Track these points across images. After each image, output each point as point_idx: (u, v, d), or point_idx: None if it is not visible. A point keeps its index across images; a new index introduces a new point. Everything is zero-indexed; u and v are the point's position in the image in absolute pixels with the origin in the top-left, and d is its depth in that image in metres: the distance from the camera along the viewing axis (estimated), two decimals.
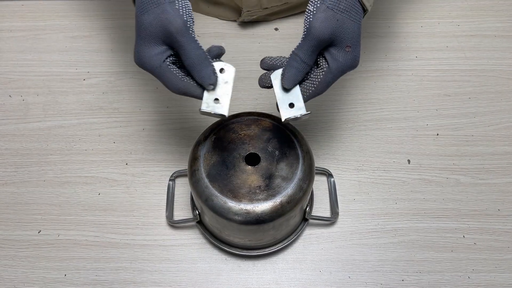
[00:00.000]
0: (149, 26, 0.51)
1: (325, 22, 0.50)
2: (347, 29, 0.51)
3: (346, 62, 0.52)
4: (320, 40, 0.51)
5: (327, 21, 0.50)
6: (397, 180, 0.71)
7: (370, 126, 0.76)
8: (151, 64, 0.52)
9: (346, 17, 0.51)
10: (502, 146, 0.74)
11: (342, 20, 0.51)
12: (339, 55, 0.52)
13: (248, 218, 0.56)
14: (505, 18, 0.87)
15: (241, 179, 0.58)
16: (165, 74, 0.52)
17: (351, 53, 0.52)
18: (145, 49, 0.52)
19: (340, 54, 0.52)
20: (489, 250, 0.66)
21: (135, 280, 0.64)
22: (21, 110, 0.78)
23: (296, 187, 0.57)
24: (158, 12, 0.50)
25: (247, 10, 0.81)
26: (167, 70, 0.52)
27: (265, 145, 0.60)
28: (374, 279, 0.64)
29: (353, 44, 0.52)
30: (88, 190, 0.71)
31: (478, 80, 0.80)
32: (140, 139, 0.75)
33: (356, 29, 0.52)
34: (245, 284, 0.64)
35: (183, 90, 0.53)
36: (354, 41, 0.52)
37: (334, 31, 0.51)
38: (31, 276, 0.65)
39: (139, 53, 0.52)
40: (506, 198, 0.70)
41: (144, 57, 0.52)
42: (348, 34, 0.51)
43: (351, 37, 0.51)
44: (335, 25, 0.50)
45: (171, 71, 0.52)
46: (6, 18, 0.89)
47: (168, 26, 0.50)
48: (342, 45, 0.52)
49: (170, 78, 0.52)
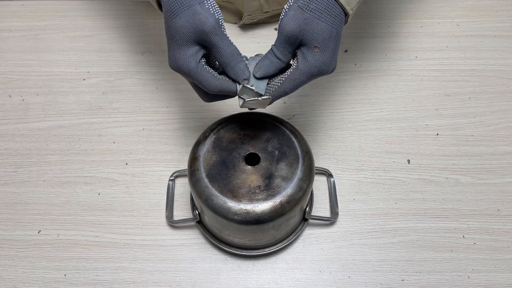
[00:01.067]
0: (182, 28, 0.51)
1: (293, 19, 0.51)
2: (315, 29, 0.51)
3: (315, 63, 0.52)
4: (288, 36, 0.51)
5: (294, 18, 0.51)
6: (397, 180, 0.71)
7: (370, 126, 0.76)
8: (188, 66, 0.52)
9: (315, 17, 0.51)
10: (502, 146, 0.74)
11: (310, 19, 0.51)
12: (308, 55, 0.52)
13: (247, 218, 0.56)
14: (505, 18, 0.87)
15: (241, 179, 0.58)
16: (202, 73, 0.52)
17: (320, 55, 0.51)
18: (179, 51, 0.52)
19: (309, 54, 0.52)
20: (489, 250, 0.66)
21: (135, 280, 0.64)
22: (21, 110, 0.78)
23: (296, 187, 0.57)
24: (190, 14, 0.51)
25: (248, 14, 0.81)
26: (203, 70, 0.53)
27: (265, 145, 0.60)
28: (374, 279, 0.64)
29: (322, 46, 0.51)
30: (88, 190, 0.71)
31: (478, 80, 0.80)
32: (140, 139, 0.75)
33: (327, 30, 0.51)
34: (245, 284, 0.64)
35: (219, 87, 0.53)
36: (323, 43, 0.51)
37: (301, 28, 0.51)
38: (31, 276, 0.65)
39: (174, 56, 0.52)
40: (506, 198, 0.70)
41: (179, 59, 0.52)
42: (316, 34, 0.51)
43: (320, 38, 0.51)
44: (301, 23, 0.51)
45: (208, 70, 0.53)
46: (6, 18, 0.89)
47: (202, 27, 0.51)
48: (310, 45, 0.51)
49: (207, 77, 0.52)
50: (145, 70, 0.82)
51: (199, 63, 0.52)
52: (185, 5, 0.51)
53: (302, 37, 0.51)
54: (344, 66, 0.82)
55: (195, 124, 0.76)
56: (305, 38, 0.51)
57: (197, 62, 0.52)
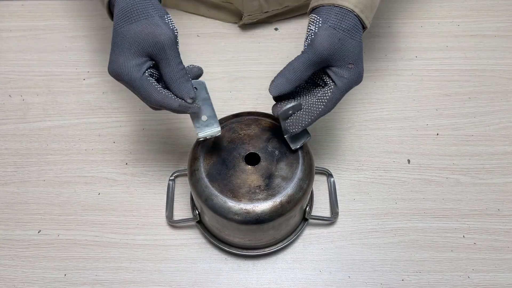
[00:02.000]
0: (135, 35, 0.50)
1: (328, 40, 0.51)
2: (349, 47, 0.52)
3: (352, 78, 0.53)
4: (320, 56, 0.52)
5: (329, 39, 0.51)
6: (397, 180, 0.71)
7: (370, 126, 0.76)
8: (131, 75, 0.50)
9: (347, 36, 0.52)
10: (502, 146, 0.74)
11: (344, 38, 0.52)
12: (343, 73, 0.53)
13: (248, 218, 0.56)
14: (505, 18, 0.87)
15: (241, 179, 0.58)
16: (144, 85, 0.51)
17: (354, 70, 0.53)
18: (125, 59, 0.50)
19: (345, 72, 0.53)
20: (489, 250, 0.66)
21: (135, 280, 0.64)
22: (21, 110, 0.78)
23: (296, 186, 0.57)
24: (148, 24, 0.50)
25: (248, 14, 0.82)
26: (146, 82, 0.51)
27: (265, 145, 0.60)
28: (374, 279, 0.64)
29: (355, 61, 0.53)
30: (88, 190, 0.71)
31: (478, 80, 0.80)
32: (140, 139, 0.75)
33: (357, 46, 0.53)
34: (245, 284, 0.64)
35: (160, 102, 0.51)
36: (356, 58, 0.53)
37: (335, 49, 0.52)
38: (31, 276, 0.65)
39: (117, 63, 0.51)
40: (506, 198, 0.70)
41: (123, 67, 0.50)
42: (349, 52, 0.52)
43: (352, 55, 0.53)
44: (337, 44, 0.52)
45: (151, 83, 0.51)
46: (6, 18, 0.89)
47: (159, 38, 0.50)
48: (344, 63, 0.53)
49: (149, 90, 0.51)
50: None
51: (143, 75, 0.51)
52: (145, 14, 0.50)
53: (334, 56, 0.52)
54: None
55: None
56: (338, 58, 0.52)
57: (141, 73, 0.51)
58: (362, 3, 0.53)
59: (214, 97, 0.77)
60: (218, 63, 0.82)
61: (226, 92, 0.79)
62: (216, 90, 0.79)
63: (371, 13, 0.55)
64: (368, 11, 0.54)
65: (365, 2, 0.53)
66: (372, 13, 0.55)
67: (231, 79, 0.81)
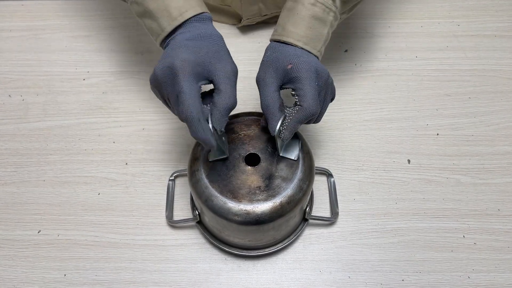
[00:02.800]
0: (205, 49, 0.55)
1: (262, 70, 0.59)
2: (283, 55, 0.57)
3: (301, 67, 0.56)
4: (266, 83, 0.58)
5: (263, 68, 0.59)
6: (397, 180, 0.71)
7: (370, 126, 0.76)
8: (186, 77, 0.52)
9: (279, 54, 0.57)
10: (502, 146, 0.74)
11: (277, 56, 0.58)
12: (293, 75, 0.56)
13: (248, 219, 0.56)
14: (505, 18, 0.87)
15: (241, 180, 0.58)
16: (193, 93, 0.52)
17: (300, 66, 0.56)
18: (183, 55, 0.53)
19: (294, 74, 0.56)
20: (489, 250, 0.66)
21: (135, 280, 0.64)
22: (21, 110, 0.78)
23: (296, 187, 0.57)
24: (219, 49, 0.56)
25: (247, 18, 0.82)
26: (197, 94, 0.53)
27: (265, 146, 0.60)
28: (374, 279, 0.64)
29: (293, 61, 0.56)
30: (88, 190, 0.71)
31: (478, 80, 0.80)
32: (139, 139, 0.75)
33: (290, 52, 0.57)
34: (245, 284, 0.64)
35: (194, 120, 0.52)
36: (291, 59, 0.56)
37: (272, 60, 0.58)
38: (31, 276, 0.65)
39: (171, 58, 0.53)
40: (506, 198, 0.70)
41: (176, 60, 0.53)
42: (284, 57, 0.57)
43: (288, 58, 0.57)
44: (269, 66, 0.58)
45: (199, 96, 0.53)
46: (6, 18, 0.89)
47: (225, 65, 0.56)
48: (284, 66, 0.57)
49: (194, 100, 0.52)
50: (145, 70, 0.82)
51: (197, 83, 0.53)
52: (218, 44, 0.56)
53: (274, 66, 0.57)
54: (344, 66, 0.82)
55: None
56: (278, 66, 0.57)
57: (198, 84, 0.53)
58: (295, 33, 0.58)
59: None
60: None
61: None
62: None
63: (318, 42, 0.59)
64: (314, 41, 0.58)
65: (301, 33, 0.58)
66: (319, 42, 0.59)
67: None
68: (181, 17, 0.55)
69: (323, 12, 0.59)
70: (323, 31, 0.59)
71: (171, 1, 0.55)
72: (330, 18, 0.60)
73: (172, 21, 0.55)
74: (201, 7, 0.57)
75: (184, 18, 0.55)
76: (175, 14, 0.55)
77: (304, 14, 0.58)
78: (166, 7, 0.55)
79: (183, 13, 0.55)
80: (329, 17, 0.59)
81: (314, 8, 0.58)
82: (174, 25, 0.55)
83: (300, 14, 0.58)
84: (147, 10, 0.56)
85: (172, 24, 0.55)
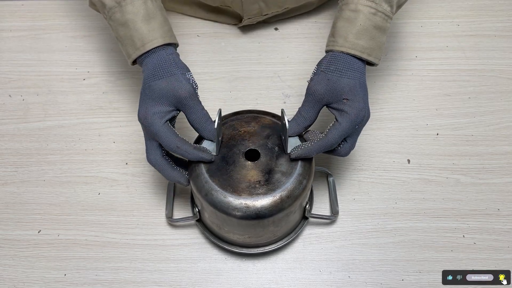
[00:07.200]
0: (160, 90, 0.58)
1: (318, 82, 0.58)
2: (340, 85, 0.58)
3: (352, 112, 0.57)
4: (316, 97, 0.58)
5: (319, 81, 0.58)
6: (397, 180, 0.71)
7: (370, 126, 0.76)
8: (153, 120, 0.57)
9: (337, 76, 0.58)
10: (502, 146, 0.74)
11: (333, 79, 0.58)
12: (343, 107, 0.58)
13: (247, 213, 0.56)
14: (505, 18, 0.87)
15: (241, 174, 0.58)
16: (164, 131, 0.57)
17: (352, 104, 0.57)
18: (152, 106, 0.58)
19: (342, 106, 0.58)
20: (489, 250, 0.66)
21: (135, 280, 0.64)
22: (21, 110, 0.78)
23: (296, 182, 0.58)
24: (172, 80, 0.58)
25: (248, 17, 0.81)
26: (167, 128, 0.58)
27: (264, 142, 0.60)
28: (374, 279, 0.64)
29: (350, 96, 0.57)
30: (88, 190, 0.71)
31: (478, 80, 0.80)
32: (140, 139, 0.75)
33: (350, 83, 0.58)
34: (245, 284, 0.64)
35: (178, 145, 0.57)
36: (351, 94, 0.57)
37: (327, 88, 0.58)
38: (31, 276, 0.65)
39: (145, 108, 0.58)
40: (506, 198, 0.70)
41: (148, 113, 0.57)
42: (341, 88, 0.58)
43: (347, 91, 0.57)
44: (326, 84, 0.58)
45: (170, 129, 0.58)
46: (6, 18, 0.89)
47: (180, 92, 0.58)
48: (340, 98, 0.58)
49: (168, 135, 0.57)
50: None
51: (165, 122, 0.58)
52: (170, 72, 0.58)
53: (329, 95, 0.58)
54: None
55: None
56: (333, 95, 0.58)
57: (163, 121, 0.57)
58: (359, 45, 0.59)
59: (214, 97, 0.78)
60: (218, 63, 0.82)
61: (226, 92, 0.79)
62: (216, 90, 0.79)
63: (379, 51, 0.61)
64: (375, 51, 0.60)
65: (365, 45, 0.59)
66: (380, 51, 0.61)
67: (231, 79, 0.81)
68: (143, 48, 0.59)
69: (383, 20, 0.60)
70: (383, 39, 0.61)
71: (135, 31, 0.59)
72: (388, 25, 0.61)
73: (136, 50, 0.60)
74: (164, 38, 0.60)
75: (145, 49, 0.59)
76: (138, 44, 0.60)
77: (367, 25, 0.59)
78: (131, 37, 0.60)
79: (145, 44, 0.59)
80: (387, 24, 0.61)
81: (375, 18, 0.59)
82: (138, 54, 0.60)
83: (363, 25, 0.59)
84: (117, 36, 0.62)
85: (136, 53, 0.60)
